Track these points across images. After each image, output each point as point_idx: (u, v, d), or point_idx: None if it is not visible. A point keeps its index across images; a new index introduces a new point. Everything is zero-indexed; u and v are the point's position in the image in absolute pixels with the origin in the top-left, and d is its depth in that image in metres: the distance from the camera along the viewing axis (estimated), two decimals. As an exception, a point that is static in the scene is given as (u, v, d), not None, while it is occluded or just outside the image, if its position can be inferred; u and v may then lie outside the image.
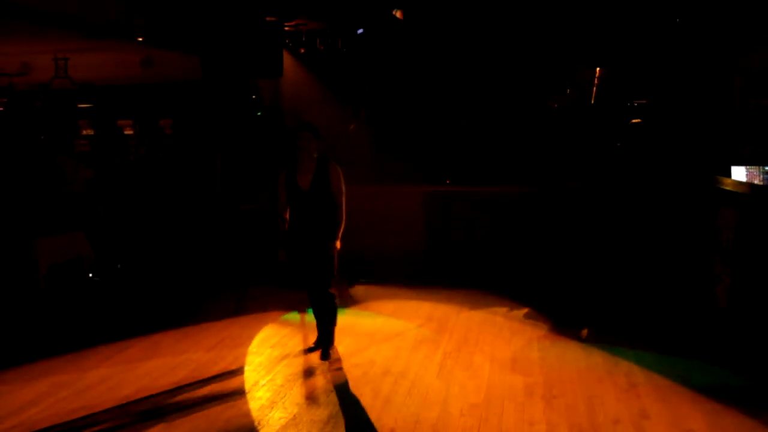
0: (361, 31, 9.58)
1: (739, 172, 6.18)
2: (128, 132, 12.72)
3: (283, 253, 5.02)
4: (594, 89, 8.97)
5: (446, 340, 5.48)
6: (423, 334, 5.65)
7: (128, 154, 12.19)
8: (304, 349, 5.27)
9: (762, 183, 5.97)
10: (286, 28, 9.26)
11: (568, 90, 9.25)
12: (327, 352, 5.06)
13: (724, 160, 6.42)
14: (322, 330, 5.20)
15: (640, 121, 8.63)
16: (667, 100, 8.11)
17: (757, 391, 4.36)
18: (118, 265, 8.37)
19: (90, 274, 7.71)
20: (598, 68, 8.90)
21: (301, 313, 6.29)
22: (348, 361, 4.98)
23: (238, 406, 4.19)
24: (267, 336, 5.68)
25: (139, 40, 8.51)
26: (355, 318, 6.18)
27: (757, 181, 6.00)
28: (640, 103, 8.80)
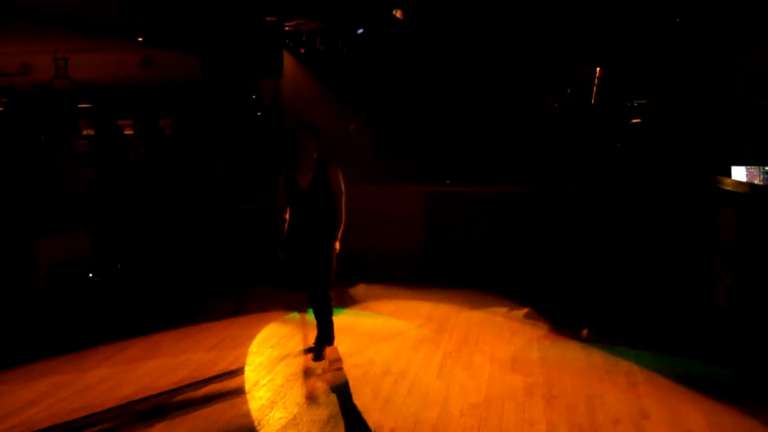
0: (361, 31, 9.58)
1: (739, 172, 6.18)
2: (128, 132, 12.73)
3: (283, 253, 5.01)
4: (594, 89, 8.98)
5: (446, 340, 5.48)
6: (423, 334, 5.65)
7: (128, 154, 12.19)
8: (305, 349, 5.26)
9: (762, 183, 5.97)
10: (287, 28, 9.26)
11: (569, 90, 9.25)
12: (320, 353, 5.02)
13: (724, 160, 6.42)
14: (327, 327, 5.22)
15: (640, 121, 8.64)
16: (667, 100, 8.12)
17: (757, 390, 4.36)
18: (118, 265, 8.37)
19: (90, 274, 7.71)
20: (598, 68, 8.91)
21: (301, 313, 6.29)
22: (348, 361, 4.98)
23: (239, 406, 4.19)
24: (267, 336, 5.67)
25: (139, 40, 8.52)
26: (355, 318, 6.18)
27: (757, 181, 6.01)
28: (640, 103, 8.81)
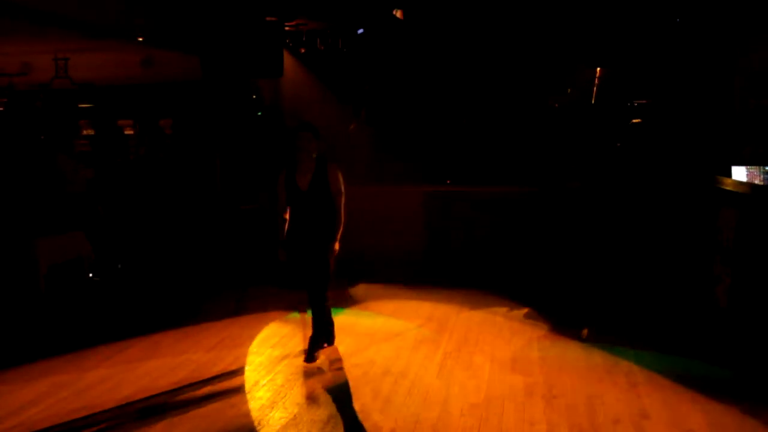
0: (361, 31, 9.57)
1: (739, 172, 6.18)
2: (128, 132, 12.73)
3: (283, 253, 5.01)
4: (594, 89, 8.97)
5: (446, 340, 5.48)
6: (423, 334, 5.65)
7: (128, 154, 12.19)
8: (305, 349, 5.24)
9: (762, 183, 5.97)
10: (287, 28, 9.25)
11: (569, 90, 9.25)
12: (312, 356, 4.97)
13: (724, 160, 6.42)
14: (324, 329, 5.21)
15: (640, 121, 8.64)
16: (667, 100, 8.12)
17: (757, 390, 4.36)
18: (118, 265, 8.37)
19: (90, 274, 7.72)
20: (599, 68, 8.91)
21: (302, 313, 6.28)
22: (348, 361, 4.98)
23: (239, 406, 4.19)
24: (267, 336, 5.67)
25: (139, 40, 8.51)
26: (355, 318, 6.18)
27: (757, 181, 6.01)
28: (641, 103, 8.81)
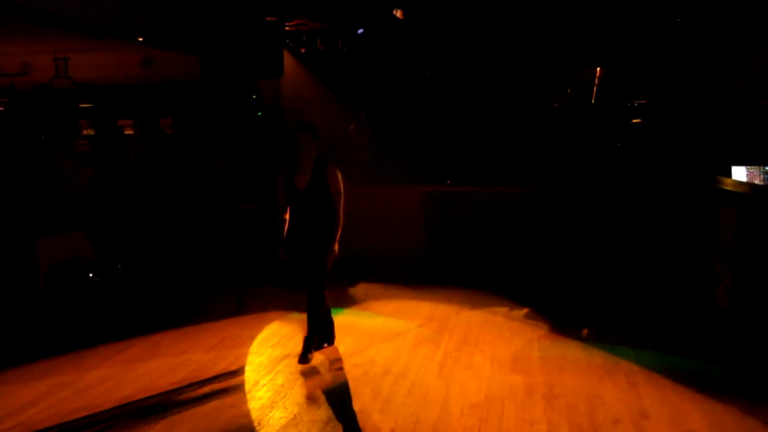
0: (361, 31, 9.58)
1: (739, 172, 6.18)
2: (128, 132, 12.74)
3: (283, 253, 5.00)
4: (594, 89, 8.98)
5: (446, 340, 5.48)
6: (423, 334, 5.65)
7: (128, 154, 12.19)
8: (305, 349, 5.26)
9: (762, 183, 5.97)
10: (287, 28, 9.26)
11: (569, 90, 9.25)
12: (306, 356, 4.93)
13: (724, 160, 6.43)
14: (323, 329, 5.21)
15: (640, 121, 8.65)
16: (667, 100, 8.12)
17: (757, 390, 4.35)
18: (119, 265, 8.37)
19: (90, 274, 7.71)
20: (599, 68, 8.91)
21: (302, 313, 6.27)
22: (348, 361, 4.97)
23: (239, 406, 4.19)
24: (267, 336, 5.67)
25: (139, 40, 8.52)
26: (356, 318, 6.18)
27: (757, 181, 6.01)
28: (640, 103, 8.81)
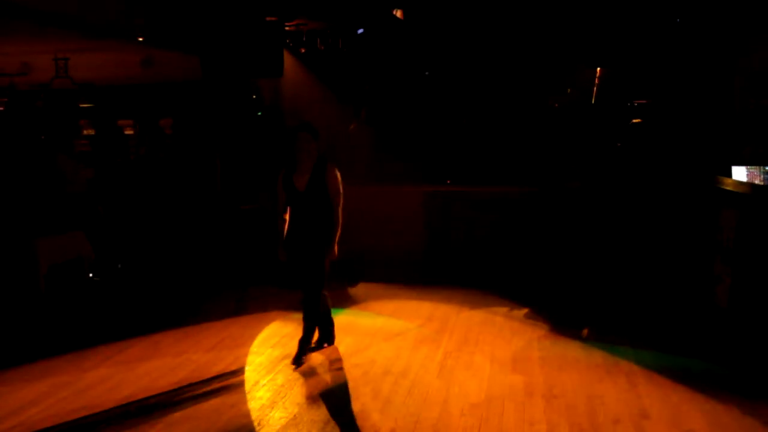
0: (361, 31, 9.58)
1: (739, 172, 6.18)
2: (128, 132, 12.75)
3: (283, 253, 5.01)
4: (594, 89, 8.98)
5: (447, 339, 5.48)
6: (423, 334, 5.65)
7: (128, 154, 12.20)
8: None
9: (762, 183, 5.97)
10: (287, 28, 9.25)
11: (569, 90, 9.25)
12: (300, 358, 4.91)
13: (724, 160, 6.43)
14: (323, 329, 5.22)
15: (640, 121, 8.64)
16: (668, 100, 8.12)
17: (757, 390, 4.36)
18: (119, 265, 8.37)
19: (90, 274, 7.71)
20: (599, 68, 8.91)
21: (302, 313, 6.28)
22: (348, 361, 4.98)
23: (239, 406, 4.19)
24: (267, 336, 5.67)
25: (139, 40, 8.51)
26: (356, 318, 6.18)
27: (757, 181, 6.01)
28: (641, 103, 8.81)
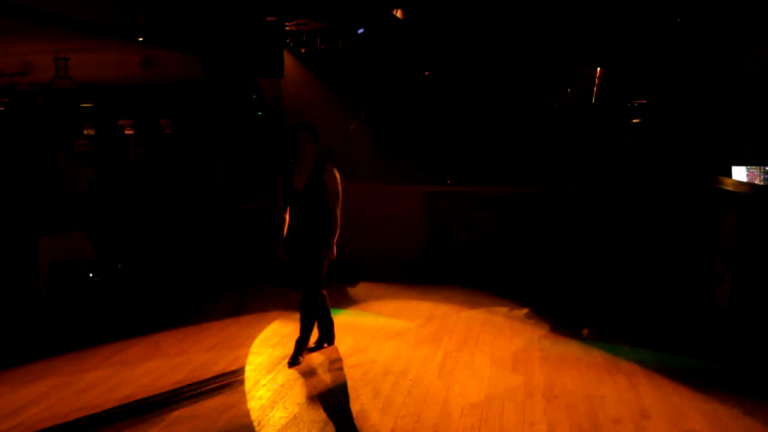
0: (361, 31, 9.58)
1: (739, 172, 6.19)
2: (128, 132, 12.76)
3: (283, 253, 5.00)
4: (594, 89, 8.98)
5: (447, 339, 5.48)
6: (424, 334, 5.64)
7: (128, 154, 12.20)
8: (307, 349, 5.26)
9: (763, 183, 5.98)
10: (287, 28, 9.26)
11: (569, 90, 9.25)
12: (297, 358, 4.89)
13: (724, 160, 6.43)
14: (323, 329, 5.22)
15: (640, 120, 8.65)
16: (668, 100, 8.12)
17: (757, 390, 4.36)
18: (119, 265, 8.37)
19: (90, 274, 7.71)
20: (599, 68, 8.91)
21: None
22: (348, 361, 4.98)
23: (239, 406, 4.19)
24: (267, 336, 5.67)
25: (139, 40, 8.52)
26: (356, 318, 6.18)
27: (757, 181, 6.02)
28: (641, 103, 8.81)
